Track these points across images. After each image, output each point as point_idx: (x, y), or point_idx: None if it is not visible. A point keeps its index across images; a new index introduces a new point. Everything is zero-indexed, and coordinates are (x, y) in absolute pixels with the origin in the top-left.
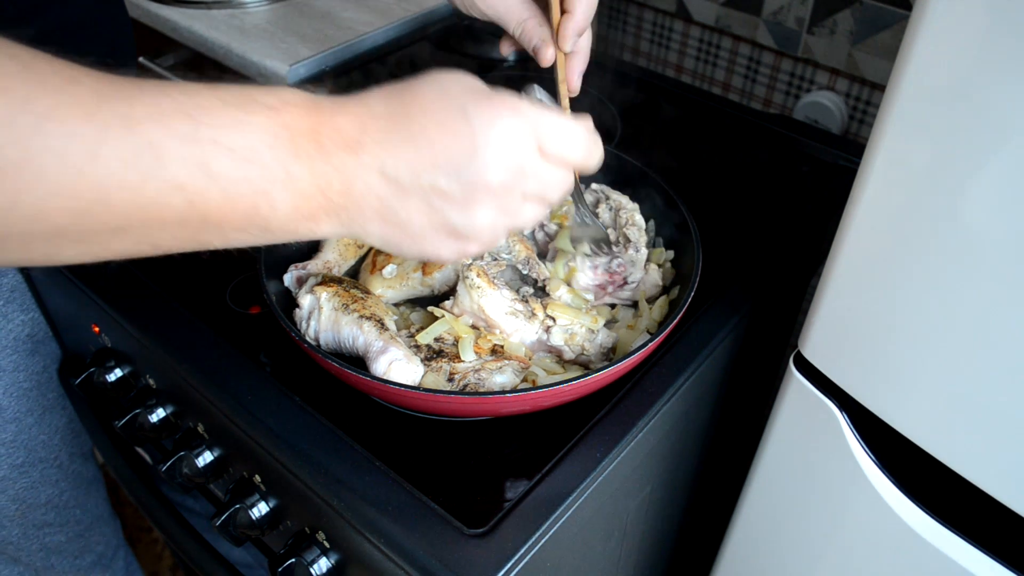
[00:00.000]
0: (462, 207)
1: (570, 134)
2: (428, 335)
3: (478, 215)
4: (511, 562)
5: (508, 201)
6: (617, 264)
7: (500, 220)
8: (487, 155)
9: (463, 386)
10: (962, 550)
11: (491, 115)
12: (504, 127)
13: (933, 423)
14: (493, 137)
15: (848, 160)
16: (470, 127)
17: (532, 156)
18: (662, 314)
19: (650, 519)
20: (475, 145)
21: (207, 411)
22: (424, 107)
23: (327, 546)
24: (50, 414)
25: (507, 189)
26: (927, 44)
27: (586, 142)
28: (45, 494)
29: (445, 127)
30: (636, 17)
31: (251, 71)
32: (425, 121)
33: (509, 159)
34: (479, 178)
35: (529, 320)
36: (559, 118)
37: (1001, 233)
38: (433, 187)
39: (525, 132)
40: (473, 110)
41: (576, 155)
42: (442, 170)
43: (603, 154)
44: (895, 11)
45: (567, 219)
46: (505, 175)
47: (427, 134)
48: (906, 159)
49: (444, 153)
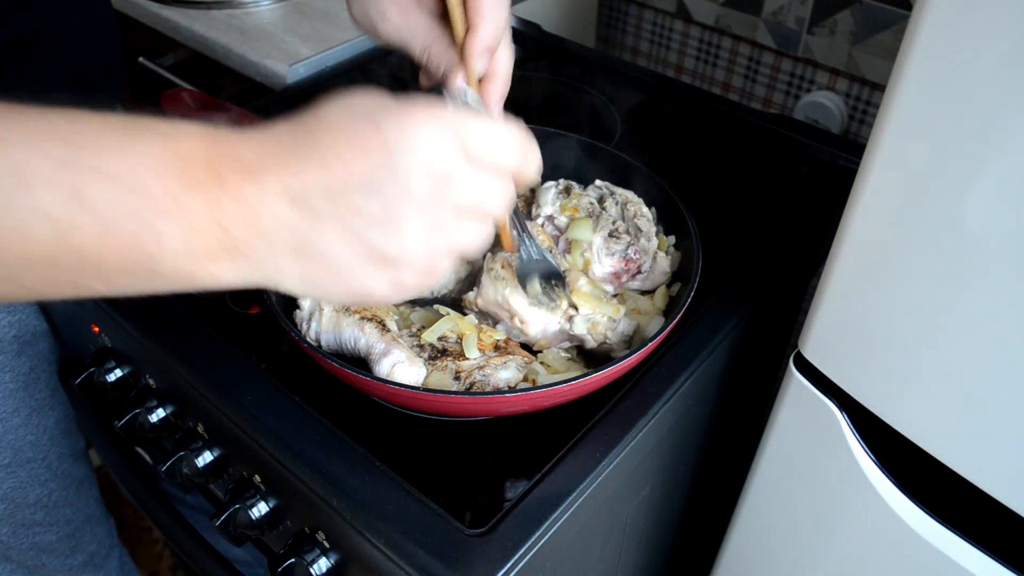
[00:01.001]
0: (386, 227)
1: (498, 137)
2: (432, 334)
3: (407, 234)
4: (511, 562)
5: (439, 214)
6: (634, 251)
7: (434, 239)
8: (405, 163)
9: (469, 384)
10: (962, 550)
11: (405, 122)
12: (421, 131)
13: (933, 423)
14: (410, 143)
15: (848, 160)
16: (382, 137)
17: (457, 162)
18: (664, 303)
19: (650, 519)
20: (390, 154)
21: (207, 411)
22: (331, 125)
23: (327, 546)
24: (38, 414)
25: (434, 200)
26: (927, 44)
27: (518, 145)
28: (34, 494)
29: (355, 141)
30: (636, 17)
31: (251, 71)
32: (333, 139)
33: (431, 165)
34: (400, 190)
35: (553, 311)
36: (485, 121)
37: (1001, 233)
38: (350, 208)
39: (446, 136)
40: (384, 119)
41: (508, 159)
42: (358, 187)
43: (541, 161)
44: (895, 11)
45: (578, 211)
46: (429, 184)
47: (336, 151)
48: (906, 159)
49: (357, 168)
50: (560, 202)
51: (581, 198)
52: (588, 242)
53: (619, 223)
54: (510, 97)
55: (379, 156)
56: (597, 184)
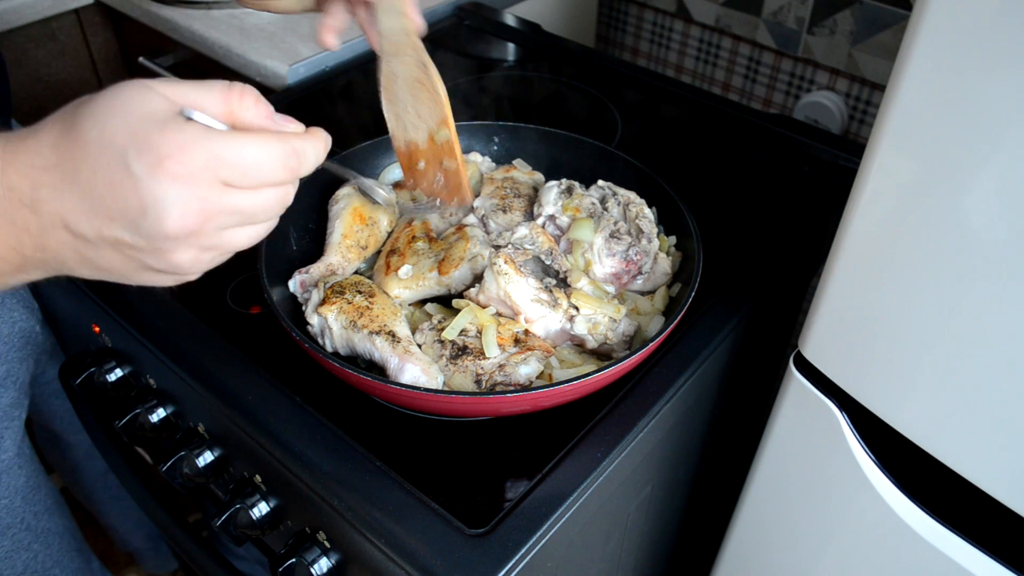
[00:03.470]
0: (154, 255)
1: (257, 160)
2: (453, 330)
3: (176, 259)
4: (511, 562)
5: (205, 240)
6: (635, 252)
7: (204, 256)
8: (158, 211)
9: (491, 386)
10: (962, 550)
11: (154, 166)
12: (172, 177)
13: (933, 423)
14: (160, 192)
15: (848, 160)
16: (134, 183)
17: (215, 197)
18: (664, 304)
19: (650, 519)
20: (142, 203)
21: (207, 411)
22: (87, 155)
23: (327, 546)
24: (7, 476)
25: (196, 233)
26: (927, 44)
27: (280, 159)
28: (21, 561)
29: (110, 182)
30: (636, 17)
31: (251, 71)
32: (91, 174)
33: (184, 208)
34: (158, 232)
35: (553, 309)
36: (240, 145)
37: (1001, 233)
38: (117, 241)
39: (199, 175)
40: (135, 161)
41: (272, 176)
42: (118, 225)
43: (320, 153)
44: (895, 11)
45: (579, 211)
46: (186, 222)
47: (96, 189)
48: (906, 159)
49: (115, 209)
50: (562, 202)
51: (583, 198)
52: (589, 242)
53: (620, 224)
54: (511, 97)
55: (132, 201)
56: (599, 184)
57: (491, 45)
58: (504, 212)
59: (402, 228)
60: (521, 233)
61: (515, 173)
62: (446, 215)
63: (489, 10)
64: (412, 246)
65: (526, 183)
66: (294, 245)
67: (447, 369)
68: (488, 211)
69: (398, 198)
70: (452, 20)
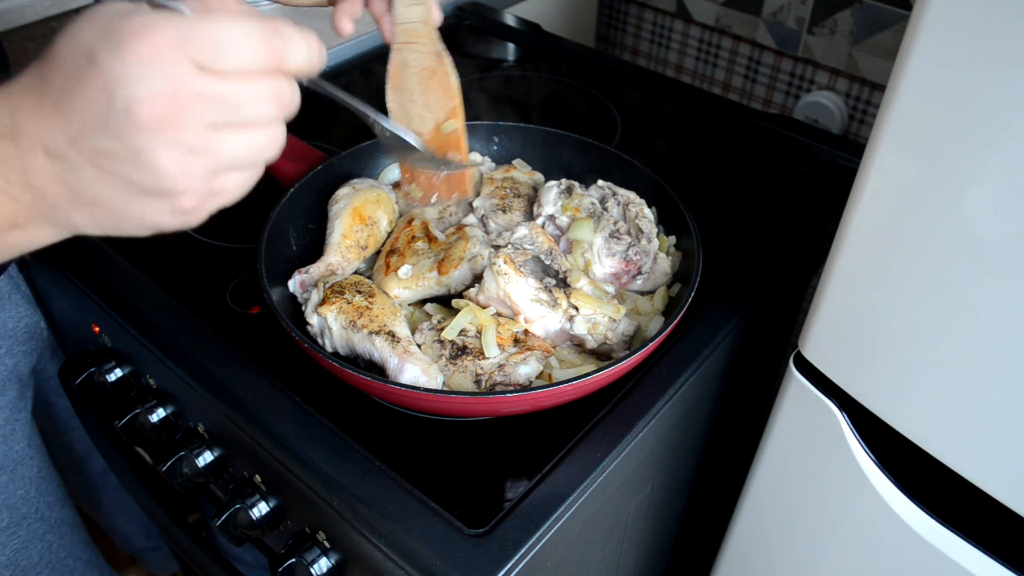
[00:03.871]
0: (135, 162)
1: (231, 37)
2: (453, 330)
3: (157, 164)
4: (511, 562)
5: (187, 136)
6: (634, 252)
7: (193, 163)
8: (123, 94)
9: (490, 386)
10: (962, 550)
11: (117, 49)
12: (136, 57)
13: (933, 423)
14: (123, 72)
15: (848, 160)
16: (98, 70)
17: (187, 79)
18: (664, 304)
19: (650, 519)
20: (107, 88)
21: (207, 411)
22: (58, 64)
23: (327, 546)
24: (21, 467)
25: (172, 123)
26: (927, 44)
27: (260, 37)
28: (36, 551)
29: (77, 80)
30: (636, 17)
31: None
32: (63, 81)
33: (151, 87)
34: (127, 121)
35: (553, 309)
36: (212, 21)
37: (1001, 233)
38: (96, 151)
39: (166, 53)
40: (100, 49)
41: (252, 57)
42: (92, 129)
43: (312, 44)
44: (895, 11)
45: (579, 211)
46: (156, 107)
47: (67, 95)
48: (906, 159)
49: (86, 109)
50: (562, 202)
51: (583, 198)
52: (589, 242)
53: (620, 224)
54: (511, 97)
55: (98, 91)
56: (599, 184)
57: (491, 45)
58: (504, 212)
59: (402, 228)
60: (521, 233)
61: (515, 173)
62: (446, 212)
63: (489, 10)
64: (412, 246)
65: (526, 183)
66: (294, 245)
67: (447, 369)
68: (488, 211)
69: (397, 198)
70: (452, 20)
